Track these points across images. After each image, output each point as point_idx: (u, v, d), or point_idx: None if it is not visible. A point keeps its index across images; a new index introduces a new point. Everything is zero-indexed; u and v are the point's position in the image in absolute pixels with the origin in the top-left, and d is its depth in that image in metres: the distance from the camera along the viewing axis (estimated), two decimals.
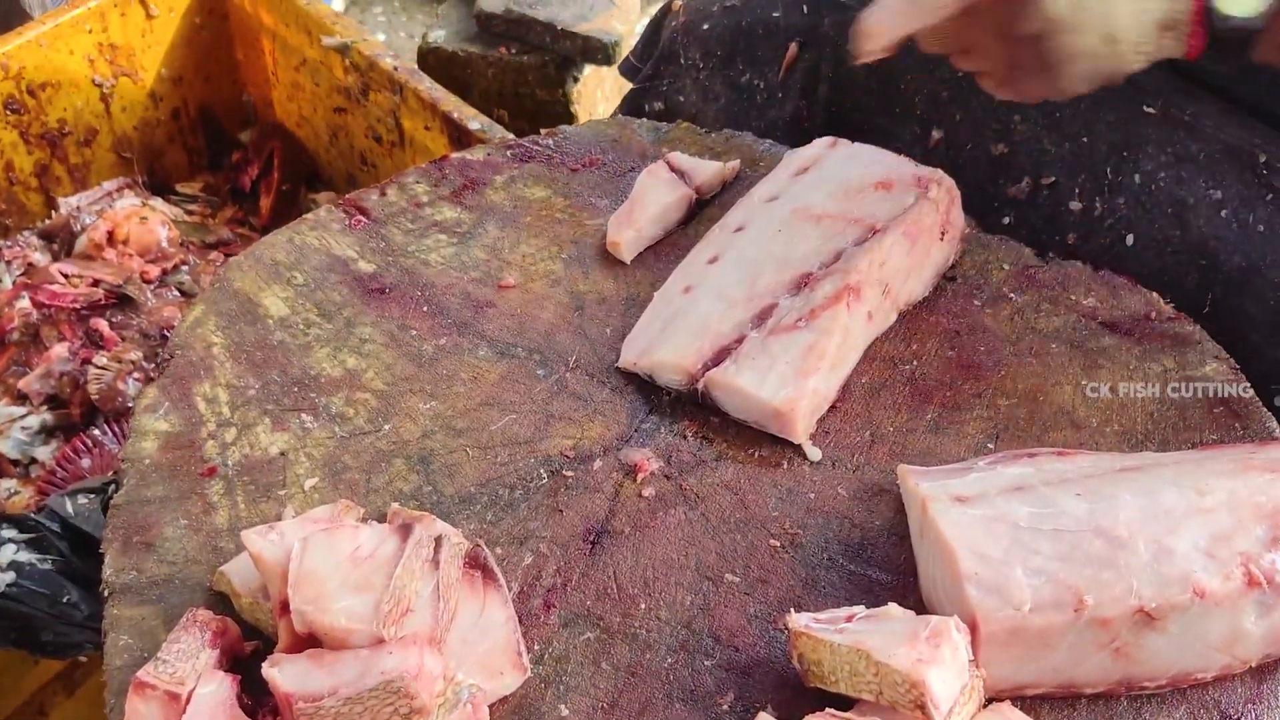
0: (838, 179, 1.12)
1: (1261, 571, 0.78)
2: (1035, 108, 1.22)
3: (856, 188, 1.10)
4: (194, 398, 1.00)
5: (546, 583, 0.88)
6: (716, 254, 1.08)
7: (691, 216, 1.18)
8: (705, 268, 1.07)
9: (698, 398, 0.99)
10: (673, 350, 1.00)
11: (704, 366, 0.98)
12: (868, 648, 0.73)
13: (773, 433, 0.97)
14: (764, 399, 0.95)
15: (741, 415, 0.98)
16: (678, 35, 1.41)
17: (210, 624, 0.81)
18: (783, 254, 1.04)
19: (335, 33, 1.80)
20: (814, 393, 0.97)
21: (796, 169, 1.14)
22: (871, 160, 1.13)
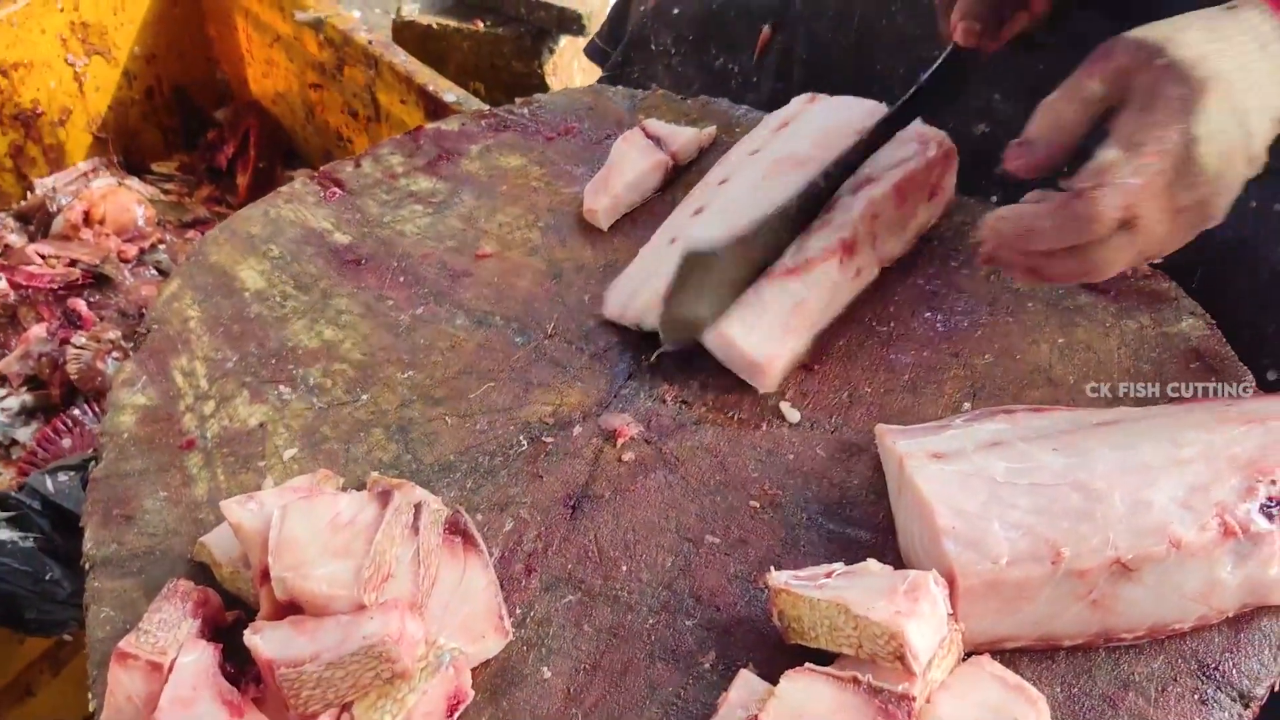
0: (821, 127, 1.12)
1: (1237, 521, 0.78)
2: (1016, 85, 1.21)
3: (841, 133, 1.10)
4: (171, 371, 1.00)
5: (527, 547, 0.88)
6: (701, 206, 1.08)
7: (669, 183, 1.18)
8: (690, 219, 1.08)
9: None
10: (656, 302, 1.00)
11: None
12: (846, 602, 0.74)
13: (742, 378, 0.98)
14: (745, 350, 0.97)
15: (717, 355, 0.99)
16: (647, 20, 1.39)
17: (191, 594, 0.81)
18: (768, 200, 1.04)
19: (308, 8, 1.79)
20: (792, 350, 0.98)
21: (776, 125, 1.15)
22: (855, 108, 1.14)
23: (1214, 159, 0.87)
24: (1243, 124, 0.88)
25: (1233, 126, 0.88)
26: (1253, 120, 0.89)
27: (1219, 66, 0.89)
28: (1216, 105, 0.88)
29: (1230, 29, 0.90)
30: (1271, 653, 0.81)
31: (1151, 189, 0.87)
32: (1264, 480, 0.80)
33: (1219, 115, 0.88)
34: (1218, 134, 0.88)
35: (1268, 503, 0.79)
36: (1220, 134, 0.88)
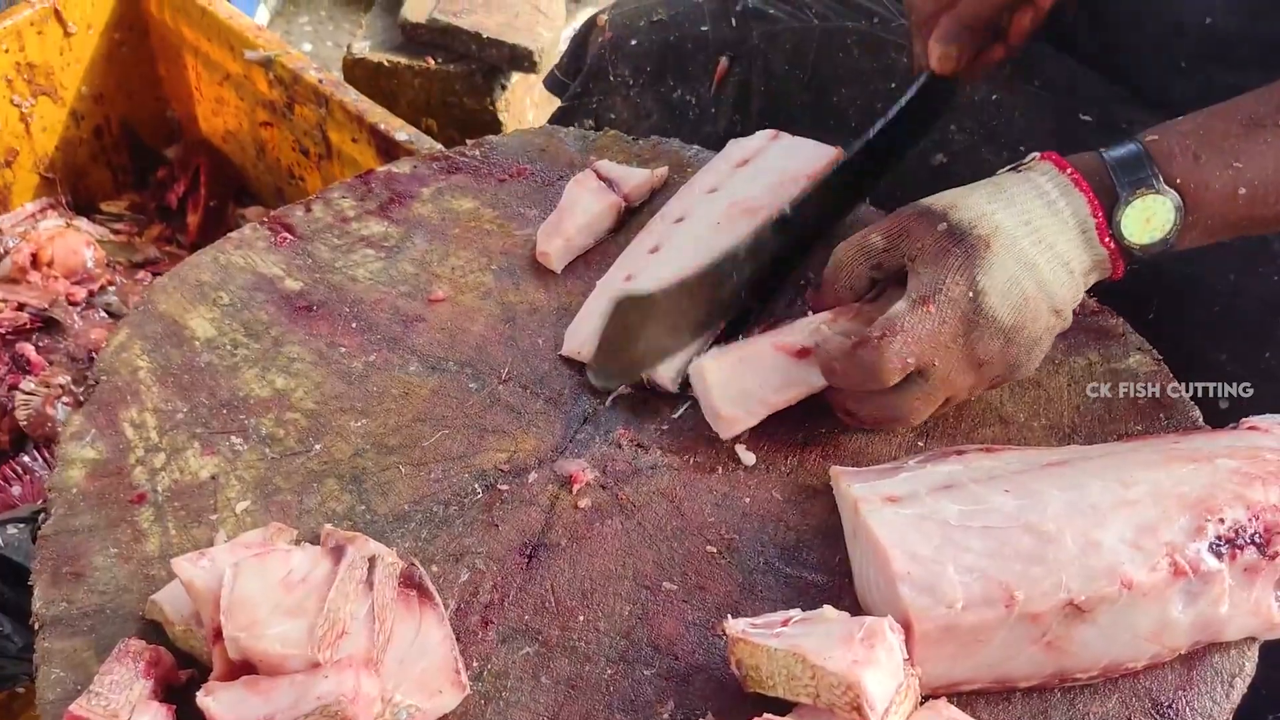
0: (776, 171, 1.13)
1: (1186, 561, 0.79)
2: (972, 118, 1.23)
3: (792, 181, 1.10)
4: (121, 424, 0.99)
5: (484, 599, 0.88)
6: (658, 244, 1.09)
7: (621, 225, 1.18)
8: (647, 257, 1.08)
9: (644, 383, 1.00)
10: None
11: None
12: (803, 651, 0.74)
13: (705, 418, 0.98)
14: (716, 402, 0.96)
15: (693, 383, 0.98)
16: (605, 52, 1.40)
17: (143, 654, 0.80)
18: (722, 246, 1.04)
19: (258, 46, 1.79)
20: (759, 419, 0.97)
21: (737, 160, 1.16)
22: (809, 155, 1.15)
23: (1004, 310, 0.90)
24: (1034, 275, 0.91)
25: (1022, 278, 0.91)
26: (1044, 272, 0.91)
27: (1000, 222, 0.92)
28: (1000, 259, 0.91)
29: (1015, 189, 0.94)
30: (1224, 689, 0.82)
31: (938, 339, 0.90)
32: (1212, 519, 0.81)
33: (1004, 267, 0.91)
34: (1005, 285, 0.91)
35: (1216, 541, 0.80)
36: (1009, 285, 0.91)
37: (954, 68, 1.09)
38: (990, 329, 0.91)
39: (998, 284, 0.90)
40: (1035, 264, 0.91)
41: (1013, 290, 0.91)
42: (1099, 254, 0.92)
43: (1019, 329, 0.91)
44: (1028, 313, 0.91)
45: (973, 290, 0.90)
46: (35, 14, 1.82)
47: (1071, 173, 0.92)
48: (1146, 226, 0.91)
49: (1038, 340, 0.92)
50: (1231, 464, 0.85)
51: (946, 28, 1.08)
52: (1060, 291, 0.92)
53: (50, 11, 1.83)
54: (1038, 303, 0.91)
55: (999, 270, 0.91)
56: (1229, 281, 1.11)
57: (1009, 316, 0.91)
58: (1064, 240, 0.92)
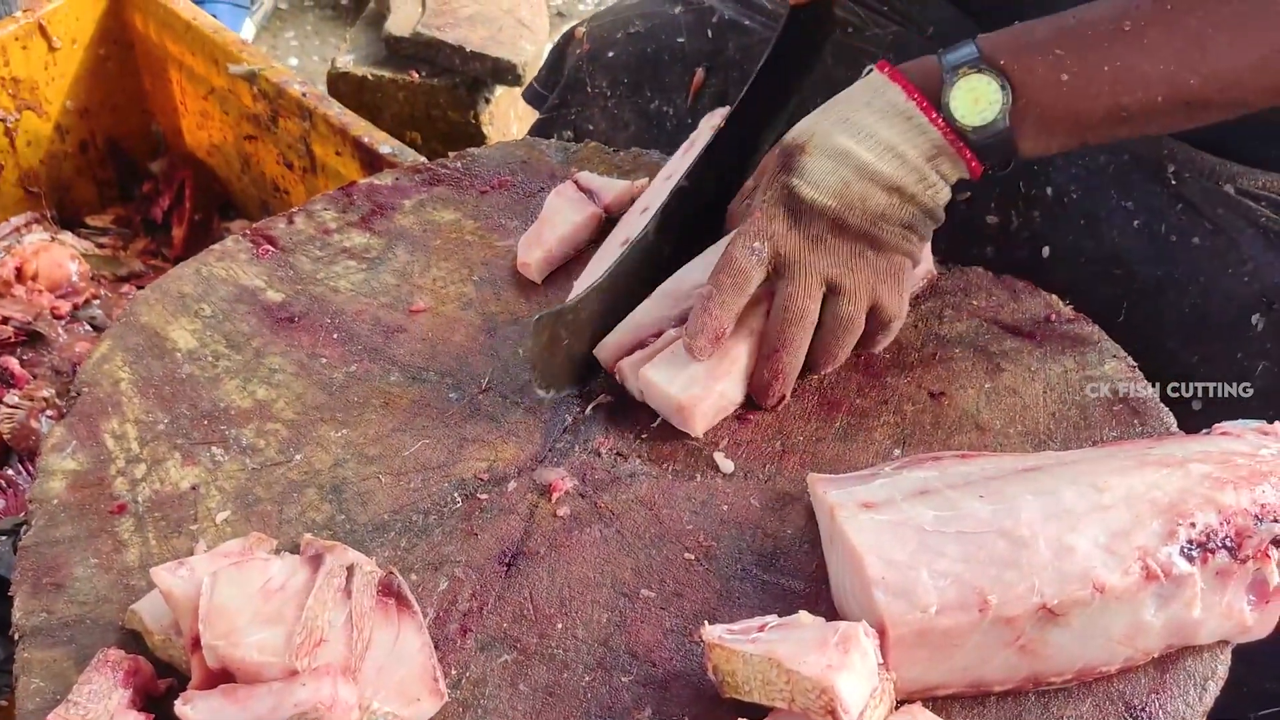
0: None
1: (1159, 565, 0.80)
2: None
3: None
4: (102, 435, 0.99)
5: (462, 607, 0.88)
6: (627, 236, 1.11)
7: (602, 236, 1.18)
8: (620, 249, 1.10)
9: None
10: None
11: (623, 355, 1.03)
12: (778, 656, 0.74)
13: (674, 425, 1.00)
14: (670, 393, 0.99)
15: (649, 401, 1.02)
16: (583, 63, 1.41)
17: (122, 663, 0.80)
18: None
19: (242, 61, 1.79)
20: (720, 394, 0.99)
21: (686, 147, 1.19)
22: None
23: (821, 195, 0.98)
24: (851, 161, 0.98)
25: (838, 166, 0.98)
26: (863, 156, 0.97)
27: (815, 127, 1.00)
28: (813, 157, 0.99)
29: (842, 97, 1.02)
30: (1196, 692, 0.83)
31: (773, 229, 0.99)
32: (1184, 523, 0.81)
33: (817, 162, 0.98)
34: (819, 176, 0.98)
35: (1188, 545, 0.81)
36: (823, 175, 0.98)
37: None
38: (810, 211, 0.98)
39: (811, 177, 0.98)
40: (851, 151, 0.97)
41: (827, 178, 0.98)
42: (933, 136, 0.97)
43: (845, 207, 0.97)
44: (852, 192, 0.97)
45: (785, 187, 0.99)
46: (20, 28, 1.82)
47: (889, 70, 0.99)
48: (975, 106, 0.95)
49: (880, 214, 0.98)
50: (1204, 469, 0.85)
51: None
52: (888, 170, 0.97)
53: (35, 26, 1.84)
54: (860, 184, 0.97)
55: (812, 167, 0.98)
56: (1200, 283, 1.12)
57: (829, 199, 0.97)
58: (885, 128, 0.97)
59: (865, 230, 0.98)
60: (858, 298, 0.99)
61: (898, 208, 0.98)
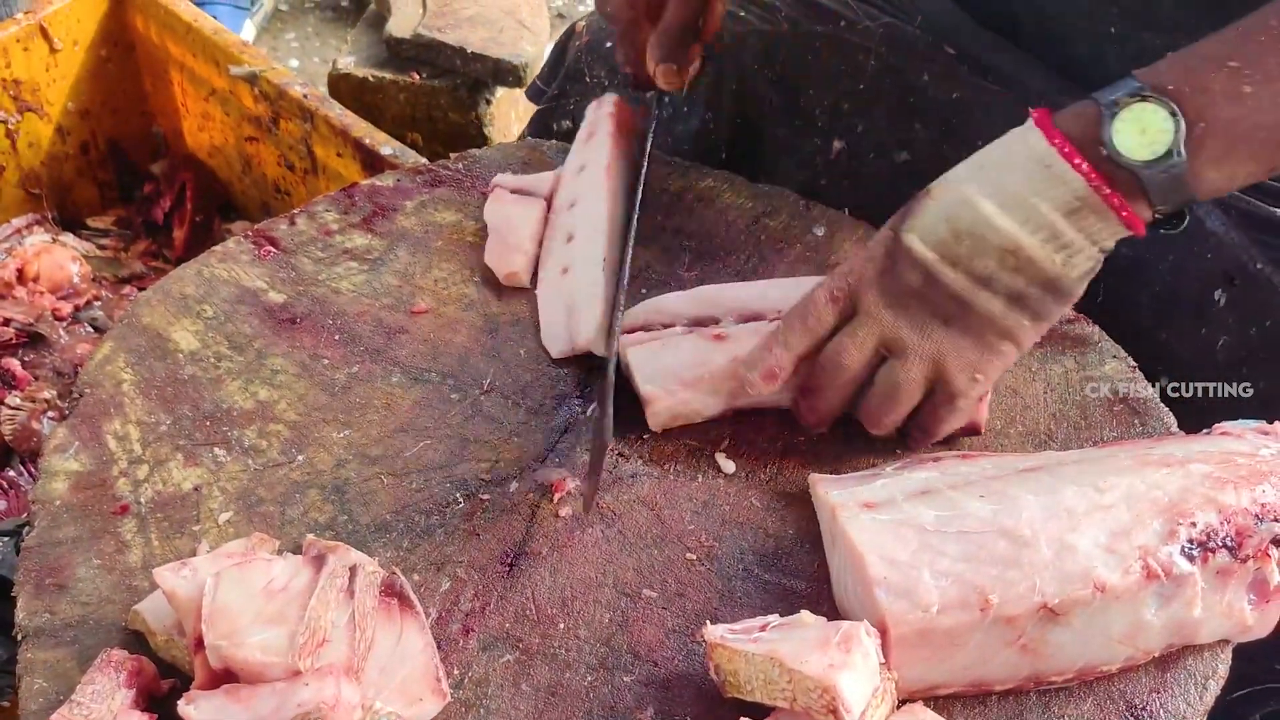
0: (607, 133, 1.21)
1: (1159, 564, 0.80)
2: (935, 115, 1.25)
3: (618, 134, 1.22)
4: (104, 436, 1.00)
5: (465, 607, 0.88)
6: (570, 233, 1.14)
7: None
8: (569, 247, 1.13)
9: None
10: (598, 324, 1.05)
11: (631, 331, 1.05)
12: (780, 655, 0.75)
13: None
14: (637, 381, 1.00)
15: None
16: (582, 54, 1.42)
17: (125, 664, 0.80)
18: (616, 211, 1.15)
19: (243, 62, 1.80)
20: (683, 401, 1.00)
21: (585, 136, 1.23)
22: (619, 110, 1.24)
23: (921, 244, 0.90)
24: (970, 212, 0.88)
25: (955, 215, 0.89)
26: (983, 209, 0.88)
27: (949, 175, 0.92)
28: (935, 203, 0.91)
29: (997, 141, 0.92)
30: (1197, 691, 0.83)
31: (863, 273, 0.92)
32: (1184, 523, 0.82)
33: (935, 209, 0.90)
34: (930, 223, 0.90)
35: (1188, 545, 0.81)
36: (934, 223, 0.90)
37: (680, 83, 1.16)
38: (907, 260, 0.90)
39: (923, 222, 0.90)
40: (974, 201, 0.88)
41: (939, 227, 0.89)
42: (1074, 186, 0.86)
43: (945, 262, 0.89)
44: (958, 248, 0.89)
45: (894, 231, 0.92)
46: (21, 30, 1.83)
47: (1038, 115, 0.89)
48: (1143, 139, 0.84)
49: (984, 279, 0.89)
50: (1204, 468, 0.86)
51: (662, 45, 1.14)
52: (1008, 226, 0.87)
53: (36, 28, 1.84)
54: (971, 240, 0.88)
55: (931, 210, 0.90)
56: (1169, 261, 1.12)
57: (930, 250, 0.89)
58: (1017, 177, 0.88)
59: (960, 295, 0.89)
60: (914, 366, 0.91)
61: (1010, 273, 0.88)
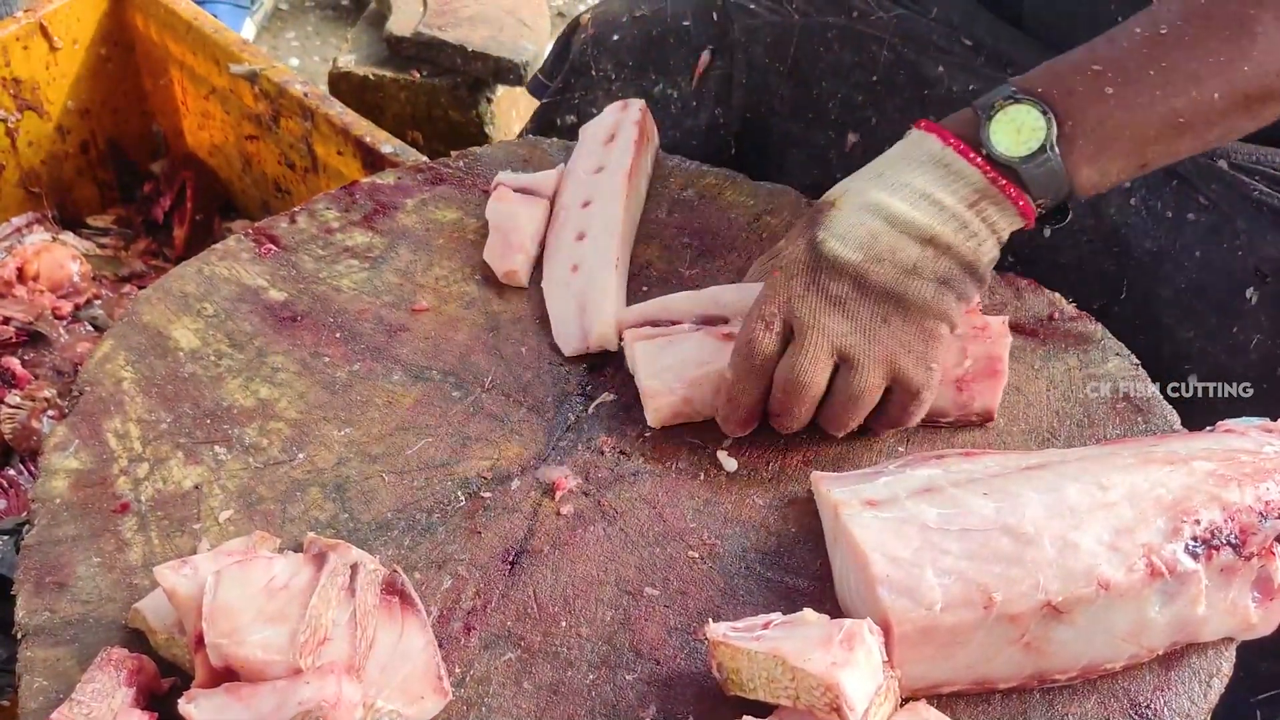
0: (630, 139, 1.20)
1: (1163, 562, 0.80)
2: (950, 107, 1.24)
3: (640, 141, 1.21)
4: (104, 434, 0.99)
5: (466, 605, 0.88)
6: (581, 231, 1.13)
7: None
8: (580, 245, 1.13)
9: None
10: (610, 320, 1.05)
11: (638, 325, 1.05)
12: (783, 653, 0.74)
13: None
14: (639, 376, 1.01)
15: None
16: (587, 47, 1.41)
17: (125, 662, 0.80)
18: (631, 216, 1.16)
19: (243, 60, 1.79)
20: (683, 400, 0.99)
21: (604, 139, 1.21)
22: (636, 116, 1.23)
23: (844, 249, 0.92)
24: (882, 213, 0.92)
25: (867, 219, 0.92)
26: (895, 207, 0.92)
27: (848, 185, 0.96)
28: (842, 212, 0.94)
29: (881, 156, 0.97)
30: (1201, 689, 0.83)
31: (790, 291, 0.93)
32: (1188, 520, 0.81)
33: (845, 217, 0.93)
34: (845, 230, 0.93)
35: (1192, 542, 0.81)
36: (849, 229, 0.93)
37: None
38: (833, 268, 0.92)
39: (837, 230, 0.93)
40: (884, 203, 0.92)
41: (857, 229, 0.92)
42: (973, 180, 0.92)
43: (871, 260, 0.91)
44: (878, 245, 0.92)
45: (809, 242, 0.94)
46: (21, 29, 1.82)
47: (926, 124, 0.95)
48: (1018, 136, 0.90)
49: (910, 270, 0.92)
50: (1208, 466, 0.85)
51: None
52: (923, 219, 0.91)
53: (36, 26, 1.84)
54: (889, 236, 0.92)
55: (839, 220, 0.93)
56: (1195, 257, 1.12)
57: (853, 253, 0.92)
58: (919, 176, 0.93)
59: (892, 288, 0.91)
60: (870, 371, 0.92)
61: (932, 260, 0.92)
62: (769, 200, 1.22)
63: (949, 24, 1.26)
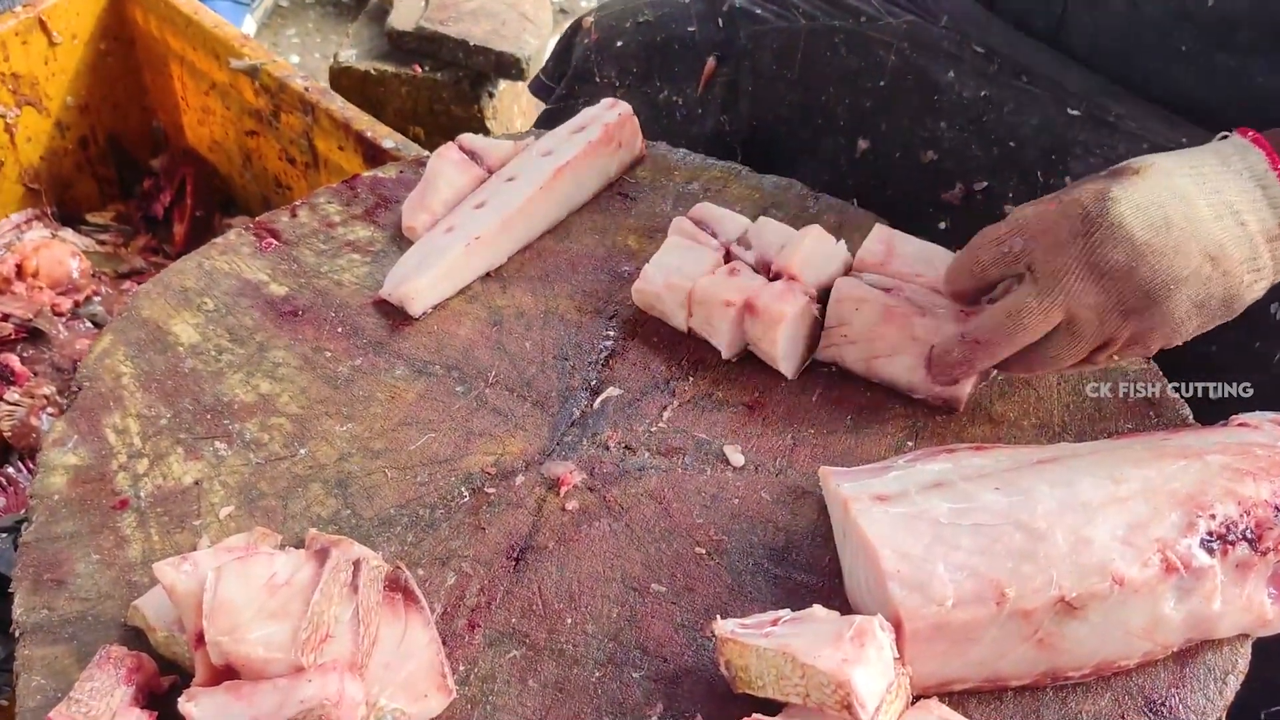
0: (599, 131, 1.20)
1: (1178, 557, 0.79)
2: (960, 114, 1.23)
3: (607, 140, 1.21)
4: (104, 430, 0.98)
5: (470, 602, 0.87)
6: (485, 200, 1.14)
7: None
8: (472, 212, 1.13)
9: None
10: (426, 284, 1.07)
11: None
12: (793, 650, 0.73)
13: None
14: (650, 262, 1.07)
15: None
16: (591, 53, 1.40)
17: (124, 660, 0.79)
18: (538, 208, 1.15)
19: (244, 55, 1.78)
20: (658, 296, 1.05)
21: (575, 127, 1.21)
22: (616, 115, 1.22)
23: (1135, 222, 0.86)
24: (1185, 207, 0.86)
25: (1169, 204, 0.86)
26: (1200, 208, 0.86)
27: (1158, 160, 0.88)
28: (1148, 182, 0.87)
29: (1201, 147, 0.91)
30: (1217, 686, 0.81)
31: (1051, 231, 0.87)
32: (1203, 515, 0.80)
33: (1149, 189, 0.86)
34: (1144, 202, 0.86)
35: (1208, 537, 0.80)
36: (1149, 204, 0.86)
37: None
38: (1113, 235, 0.85)
39: (1135, 198, 0.86)
40: (1190, 198, 0.86)
41: (1152, 210, 0.86)
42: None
43: (1151, 250, 0.85)
44: (1167, 238, 0.85)
45: (1103, 197, 0.86)
46: (20, 24, 1.81)
47: (1254, 135, 0.89)
48: None
49: (1181, 280, 0.86)
50: (1223, 460, 0.84)
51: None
52: (1219, 235, 0.86)
53: (35, 21, 1.83)
54: (1183, 234, 0.85)
55: (1143, 189, 0.86)
56: None
57: (1141, 231, 0.85)
58: (1234, 188, 0.87)
59: (1154, 290, 0.86)
60: (1084, 342, 0.89)
61: (1204, 279, 0.86)
62: (774, 194, 1.21)
63: (959, 31, 1.24)
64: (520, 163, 1.18)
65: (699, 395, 1.02)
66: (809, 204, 1.19)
